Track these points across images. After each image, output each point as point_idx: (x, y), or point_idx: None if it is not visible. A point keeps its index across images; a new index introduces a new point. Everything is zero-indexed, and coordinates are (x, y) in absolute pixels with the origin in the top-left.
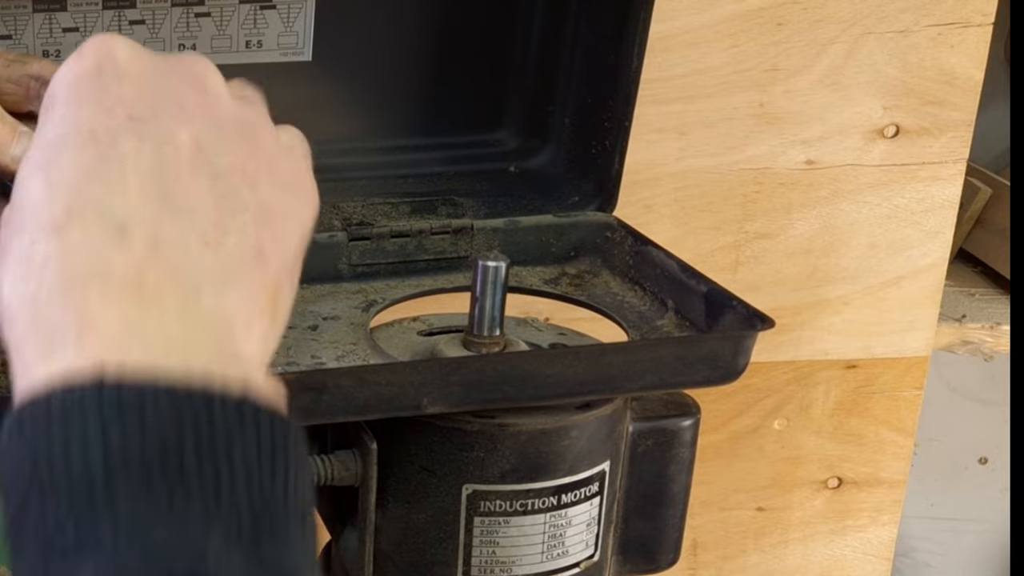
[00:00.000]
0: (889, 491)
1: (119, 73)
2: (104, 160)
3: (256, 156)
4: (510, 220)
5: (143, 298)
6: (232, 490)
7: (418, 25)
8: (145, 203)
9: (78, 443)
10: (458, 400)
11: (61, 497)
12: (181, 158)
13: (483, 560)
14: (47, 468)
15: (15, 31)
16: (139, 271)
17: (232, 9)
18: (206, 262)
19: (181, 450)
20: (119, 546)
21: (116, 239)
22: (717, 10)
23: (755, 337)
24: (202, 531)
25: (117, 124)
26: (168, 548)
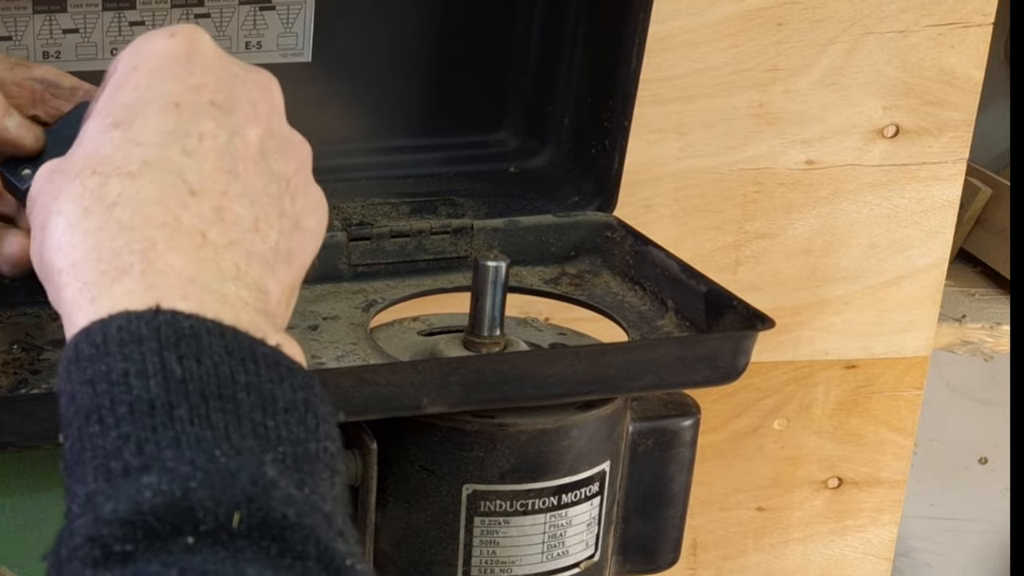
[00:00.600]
0: (889, 491)
1: (206, 64)
2: (185, 130)
3: (299, 173)
4: (510, 220)
5: (204, 252)
6: (277, 431)
7: (418, 26)
8: (216, 176)
9: (138, 369)
10: (458, 400)
11: (122, 420)
12: (248, 152)
13: (483, 560)
14: (107, 393)
15: (15, 32)
16: (202, 231)
17: (232, 10)
18: (256, 243)
19: (234, 385)
20: (181, 465)
21: (187, 196)
22: (717, 10)
23: (755, 337)
24: (257, 460)
25: (200, 104)
26: (228, 469)
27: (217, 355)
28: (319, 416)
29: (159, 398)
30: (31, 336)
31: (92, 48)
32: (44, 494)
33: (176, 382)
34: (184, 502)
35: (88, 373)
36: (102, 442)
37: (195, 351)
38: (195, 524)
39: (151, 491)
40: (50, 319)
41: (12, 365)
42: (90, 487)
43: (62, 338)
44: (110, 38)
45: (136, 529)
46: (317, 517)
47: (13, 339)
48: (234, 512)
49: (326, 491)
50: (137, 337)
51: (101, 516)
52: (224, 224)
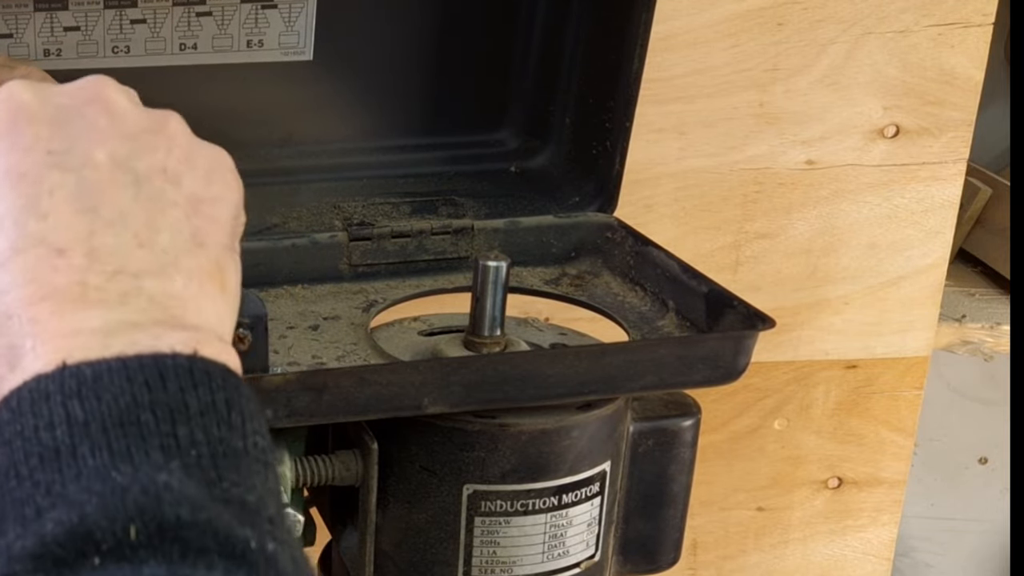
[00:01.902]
0: (889, 491)
1: (30, 116)
2: (35, 196)
3: (173, 154)
4: (511, 220)
5: (88, 300)
6: (190, 436)
7: (419, 25)
8: (78, 223)
9: (45, 423)
10: (459, 400)
11: (34, 472)
12: (102, 176)
13: (484, 560)
14: (21, 450)
15: (16, 30)
16: (81, 281)
17: (233, 8)
18: (143, 259)
19: (137, 409)
20: (80, 494)
21: (55, 260)
22: (717, 10)
23: (755, 337)
24: (157, 469)
25: (39, 160)
26: (120, 486)
27: (117, 387)
28: (244, 413)
29: (64, 443)
30: None
31: (93, 46)
32: None
33: (79, 426)
34: (82, 527)
35: (6, 435)
36: (19, 494)
37: (95, 392)
38: (96, 545)
39: (52, 523)
40: None
41: None
42: (8, 537)
43: None
44: (111, 36)
45: (44, 561)
46: (219, 509)
47: None
48: (129, 526)
49: (255, 483)
50: (45, 394)
51: (12, 554)
52: (100, 262)
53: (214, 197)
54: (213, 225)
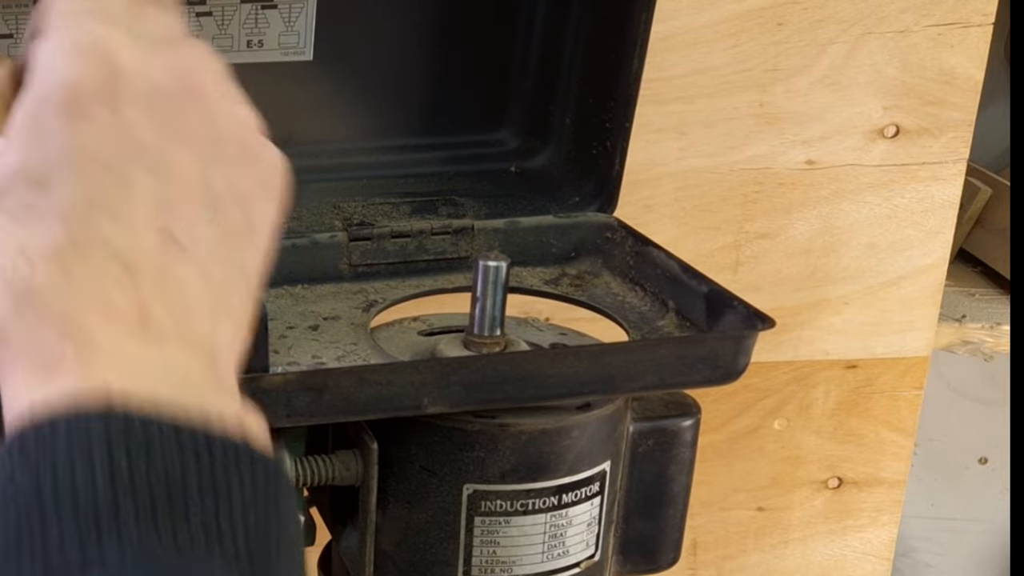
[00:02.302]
0: (889, 491)
1: (128, 89)
2: (113, 192)
3: (251, 171)
4: (511, 220)
5: (145, 331)
6: (232, 529)
7: (419, 25)
8: (152, 240)
9: (85, 468)
10: (459, 400)
11: (65, 519)
12: (186, 191)
13: (483, 560)
14: (51, 492)
15: (16, 30)
16: (143, 310)
17: (233, 8)
18: (203, 296)
19: (184, 485)
20: (126, 566)
21: (121, 275)
22: (717, 10)
23: (755, 337)
24: (206, 564)
25: (127, 152)
26: (169, 572)
27: (168, 451)
28: (280, 509)
29: (104, 497)
30: None
31: None
32: None
33: (122, 481)
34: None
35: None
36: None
37: (144, 449)
38: None
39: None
40: None
41: None
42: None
43: None
44: None
45: None
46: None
47: None
48: None
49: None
50: (85, 431)
51: None
52: (167, 293)
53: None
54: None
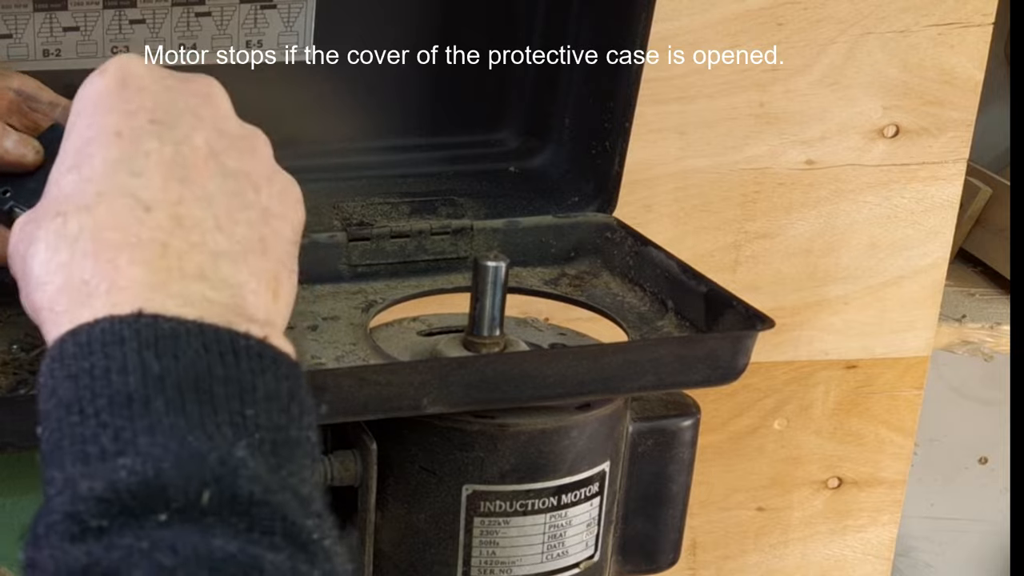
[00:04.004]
0: (889, 491)
1: (140, 86)
2: (130, 155)
3: (257, 165)
4: (510, 220)
5: (167, 261)
6: (256, 419)
7: (418, 25)
8: (167, 189)
9: (118, 367)
10: (458, 400)
11: (101, 412)
12: (197, 157)
13: (483, 560)
14: (88, 387)
15: (15, 30)
16: (163, 241)
17: (233, 9)
18: (220, 242)
19: (211, 378)
20: (155, 448)
21: (141, 213)
22: (717, 10)
23: (755, 337)
24: (230, 443)
25: (140, 126)
26: (199, 451)
27: (195, 351)
28: (303, 406)
29: (137, 392)
30: (31, 336)
31: (92, 46)
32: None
33: (154, 378)
34: (157, 481)
35: (71, 369)
36: (81, 431)
37: (173, 349)
38: (167, 502)
39: (126, 471)
40: None
41: (12, 365)
42: (68, 471)
43: None
44: (110, 36)
45: (111, 506)
46: (287, 496)
47: (13, 339)
48: (203, 491)
49: (306, 476)
50: (119, 338)
51: (78, 494)
52: (184, 229)
53: (282, 215)
54: (277, 239)
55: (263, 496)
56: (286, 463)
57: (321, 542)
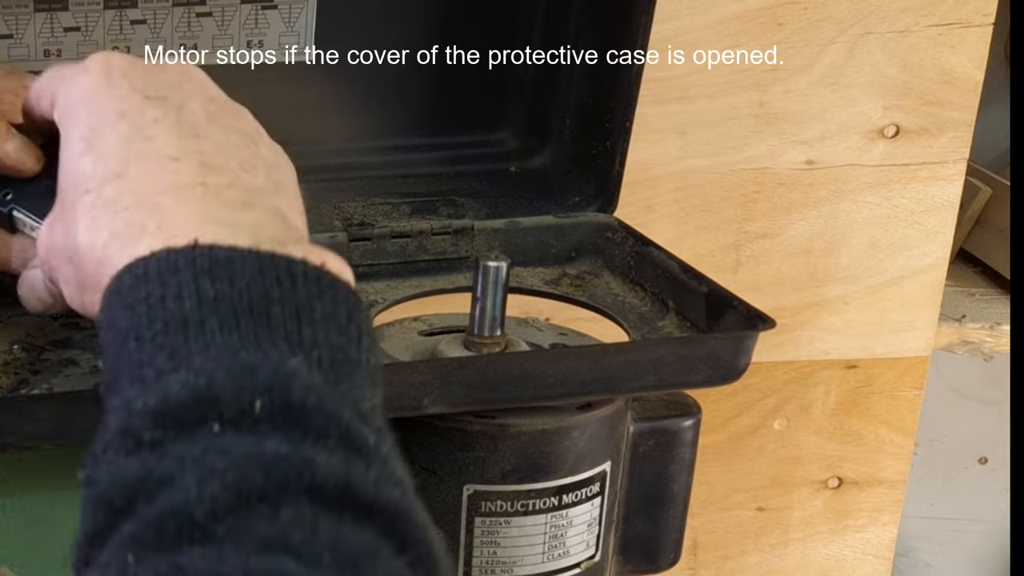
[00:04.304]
0: (889, 491)
1: (123, 72)
2: (139, 126)
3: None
4: (511, 221)
5: (210, 197)
6: (313, 338)
7: (418, 25)
8: (185, 144)
9: (173, 293)
10: (459, 400)
11: (156, 336)
12: (198, 118)
13: (484, 560)
14: (144, 315)
15: (16, 31)
16: (200, 182)
17: (233, 9)
18: (250, 181)
19: (266, 300)
20: (207, 362)
21: (171, 165)
22: (717, 10)
23: (756, 337)
24: (285, 358)
25: (137, 103)
26: (250, 363)
27: (250, 275)
28: (361, 329)
29: (192, 315)
30: (31, 336)
31: (93, 47)
32: (44, 494)
33: (208, 301)
34: (208, 392)
35: (127, 300)
36: (138, 356)
37: (228, 274)
38: (219, 412)
39: (179, 385)
40: (50, 319)
41: (12, 365)
42: (125, 395)
43: (62, 338)
44: (111, 36)
45: (164, 419)
46: (343, 404)
47: (13, 339)
48: (256, 399)
49: (366, 395)
50: (174, 267)
51: (133, 410)
52: (215, 172)
53: (284, 165)
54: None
55: (317, 403)
56: (344, 380)
57: (378, 447)
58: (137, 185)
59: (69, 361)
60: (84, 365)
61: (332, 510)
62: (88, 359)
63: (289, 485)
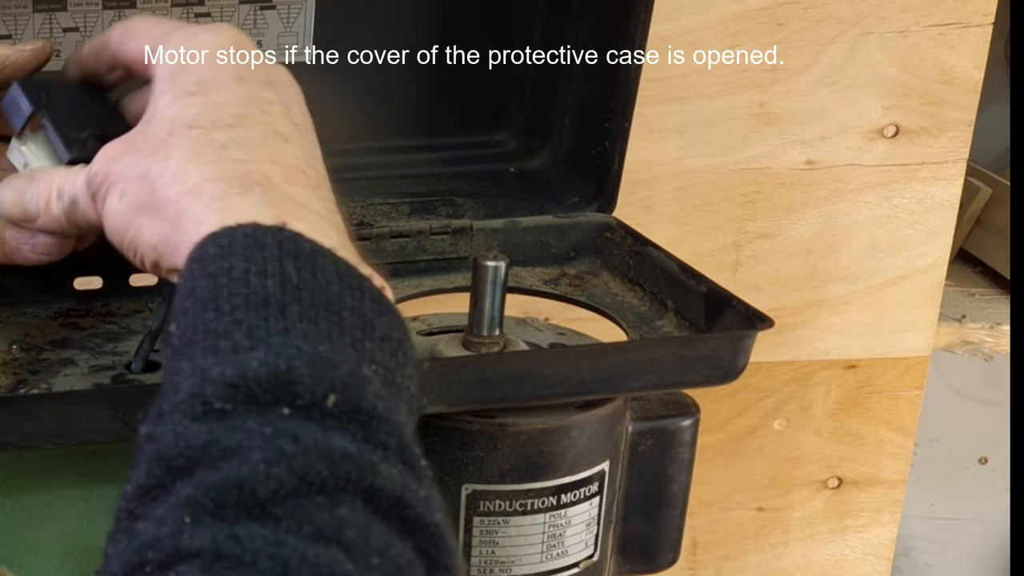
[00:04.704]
0: (889, 491)
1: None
2: (255, 96)
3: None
4: (510, 221)
5: (309, 188)
6: (373, 354)
7: (419, 25)
8: (291, 131)
9: (258, 270)
10: (458, 400)
11: (237, 309)
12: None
13: (483, 560)
14: (226, 287)
15: (15, 31)
16: (303, 169)
17: (232, 9)
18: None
19: (340, 303)
20: (288, 347)
21: (281, 143)
22: (717, 10)
23: (755, 337)
24: (356, 362)
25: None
26: (330, 359)
27: (330, 274)
28: (408, 357)
29: (274, 295)
30: (31, 336)
31: None
32: (44, 494)
33: (291, 285)
34: (287, 375)
35: (211, 269)
36: (215, 326)
37: (311, 266)
38: (293, 397)
39: (258, 362)
40: (50, 319)
41: (12, 365)
42: (197, 362)
43: (61, 338)
44: None
45: (238, 392)
46: (403, 420)
47: (13, 339)
48: (330, 393)
49: (407, 420)
50: (261, 244)
51: (208, 377)
52: (313, 167)
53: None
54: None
55: (384, 413)
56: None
57: (428, 469)
58: (249, 143)
59: (68, 361)
60: (83, 365)
61: (383, 517)
62: (86, 359)
63: (350, 483)
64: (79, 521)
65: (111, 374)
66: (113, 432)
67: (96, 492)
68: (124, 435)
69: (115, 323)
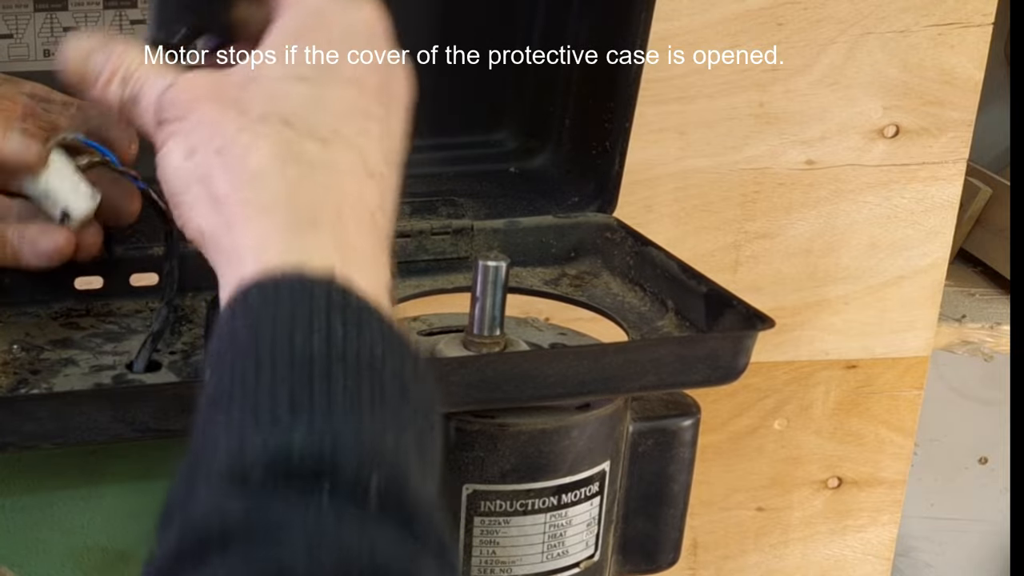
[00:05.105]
0: (889, 491)
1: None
2: (363, 110)
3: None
4: (510, 221)
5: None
6: (410, 419)
7: (418, 25)
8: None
9: (303, 327)
10: (458, 400)
11: (280, 369)
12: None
13: (483, 560)
14: (269, 344)
15: (16, 30)
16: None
17: None
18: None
19: (383, 366)
20: (333, 419)
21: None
22: (717, 10)
23: (755, 337)
24: (397, 436)
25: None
26: (376, 447)
27: (376, 333)
28: (437, 420)
29: (319, 358)
30: (31, 336)
31: None
32: (44, 494)
33: (337, 344)
34: (332, 458)
35: (251, 319)
36: (254, 383)
37: (357, 323)
38: (335, 478)
39: (301, 438)
40: (50, 319)
41: (12, 365)
42: (234, 417)
43: (62, 338)
44: None
45: (279, 466)
46: (439, 516)
47: (13, 339)
48: (373, 475)
49: (432, 488)
50: (309, 294)
51: (246, 446)
52: (385, 212)
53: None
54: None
55: (424, 509)
56: (427, 481)
57: (454, 555)
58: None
59: (68, 361)
60: (83, 365)
61: None
62: (87, 359)
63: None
64: (79, 521)
65: (112, 374)
66: (113, 432)
67: (96, 492)
68: (124, 435)
69: (116, 323)
